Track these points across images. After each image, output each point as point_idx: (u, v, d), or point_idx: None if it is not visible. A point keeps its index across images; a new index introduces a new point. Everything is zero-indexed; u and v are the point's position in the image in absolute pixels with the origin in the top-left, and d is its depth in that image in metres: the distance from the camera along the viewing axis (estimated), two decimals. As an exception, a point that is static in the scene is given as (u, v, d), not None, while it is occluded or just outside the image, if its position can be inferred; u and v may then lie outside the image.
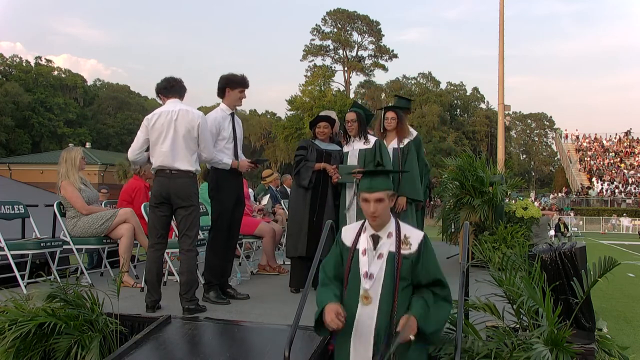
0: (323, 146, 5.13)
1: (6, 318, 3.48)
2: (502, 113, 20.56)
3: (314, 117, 5.39)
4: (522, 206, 6.83)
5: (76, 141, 49.99)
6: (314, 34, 60.77)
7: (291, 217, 5.18)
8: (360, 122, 5.02)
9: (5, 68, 56.95)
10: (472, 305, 3.17)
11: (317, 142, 5.14)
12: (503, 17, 20.06)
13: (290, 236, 5.10)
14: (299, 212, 5.03)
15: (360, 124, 5.02)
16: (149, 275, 4.16)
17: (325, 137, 5.16)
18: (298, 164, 5.07)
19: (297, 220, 5.04)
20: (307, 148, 5.10)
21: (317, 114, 5.54)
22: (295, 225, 5.05)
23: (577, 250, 3.22)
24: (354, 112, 5.08)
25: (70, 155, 5.25)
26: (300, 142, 5.45)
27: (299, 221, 5.01)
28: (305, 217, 4.98)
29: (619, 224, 35.17)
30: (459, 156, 6.90)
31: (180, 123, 4.11)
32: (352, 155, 5.02)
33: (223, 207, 4.60)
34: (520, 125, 77.58)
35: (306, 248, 4.90)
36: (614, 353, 3.33)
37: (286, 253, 5.25)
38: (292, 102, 52.72)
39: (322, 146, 5.12)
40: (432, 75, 68.33)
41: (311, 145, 5.11)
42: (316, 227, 4.86)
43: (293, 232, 5.06)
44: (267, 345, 3.53)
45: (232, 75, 4.64)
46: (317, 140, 5.16)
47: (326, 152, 5.08)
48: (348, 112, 5.14)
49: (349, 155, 5.05)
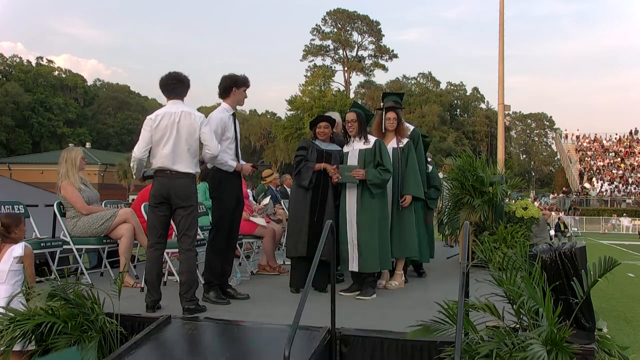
0: (323, 146, 5.13)
1: (5, 317, 3.48)
2: (502, 113, 20.57)
3: (314, 117, 5.40)
4: (522, 206, 6.83)
5: (76, 141, 50.01)
6: (314, 34, 60.85)
7: (291, 217, 5.18)
8: (360, 122, 5.02)
9: (5, 68, 56.98)
10: (472, 306, 3.16)
11: (317, 142, 5.15)
12: (503, 17, 20.08)
13: (290, 236, 5.11)
14: (299, 212, 5.03)
15: (360, 124, 5.02)
16: (149, 275, 4.16)
17: (326, 137, 5.16)
18: (298, 164, 5.07)
19: (297, 221, 5.04)
20: (308, 148, 5.10)
21: (317, 114, 5.55)
22: (296, 225, 5.05)
23: (577, 250, 3.21)
24: (354, 112, 5.07)
25: (71, 155, 5.25)
26: (300, 142, 5.45)
27: (299, 221, 5.01)
28: (306, 218, 4.97)
29: (619, 224, 35.14)
30: (459, 156, 6.90)
31: (182, 126, 4.11)
32: (352, 155, 5.02)
33: (225, 208, 4.60)
34: (520, 125, 77.60)
35: (307, 248, 4.90)
36: (614, 353, 3.32)
37: (286, 253, 5.26)
38: (292, 102, 52.71)
39: (323, 146, 5.12)
40: (432, 75, 68.43)
41: (311, 146, 5.11)
42: (316, 227, 4.84)
43: (293, 232, 5.06)
44: (267, 345, 3.54)
45: (235, 75, 4.66)
46: (317, 140, 5.16)
47: (326, 152, 5.08)
48: (348, 112, 5.13)
49: (349, 155, 5.05)
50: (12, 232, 3.95)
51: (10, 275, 3.81)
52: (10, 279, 3.81)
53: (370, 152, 4.92)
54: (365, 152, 4.94)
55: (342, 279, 5.59)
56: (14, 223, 3.97)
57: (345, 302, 4.44)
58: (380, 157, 4.87)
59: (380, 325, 3.72)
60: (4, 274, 3.80)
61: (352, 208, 4.88)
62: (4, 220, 3.98)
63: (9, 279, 3.81)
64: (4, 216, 4.09)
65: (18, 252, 3.86)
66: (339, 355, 3.48)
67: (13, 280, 3.82)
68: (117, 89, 67.99)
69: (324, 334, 3.43)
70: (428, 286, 5.53)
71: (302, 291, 3.21)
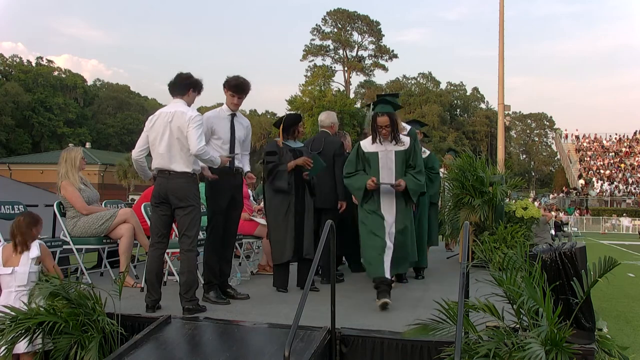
0: (293, 145, 5.11)
1: (7, 316, 3.48)
2: (502, 113, 20.55)
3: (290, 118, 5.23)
4: (522, 206, 6.83)
5: (76, 141, 49.98)
6: (314, 34, 60.84)
7: (274, 225, 5.00)
8: (393, 125, 4.60)
9: (5, 68, 56.96)
10: (472, 307, 3.17)
11: (288, 143, 5.09)
12: (503, 18, 20.06)
13: (277, 243, 4.98)
14: (282, 217, 4.94)
15: (394, 127, 4.62)
16: (149, 275, 4.16)
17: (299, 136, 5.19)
18: (272, 171, 4.96)
19: (281, 227, 4.93)
20: (278, 152, 5.02)
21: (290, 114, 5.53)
22: (280, 232, 4.94)
23: (577, 250, 3.21)
24: (387, 115, 4.58)
25: (71, 155, 5.25)
26: (267, 146, 5.28)
27: (282, 227, 4.92)
28: (290, 221, 4.92)
29: (619, 224, 35.14)
30: (459, 156, 6.90)
31: (174, 125, 4.11)
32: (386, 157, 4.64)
33: (217, 207, 4.61)
34: (520, 125, 77.53)
35: (294, 250, 4.90)
36: (614, 353, 3.33)
37: (273, 260, 5.09)
38: (292, 102, 52.67)
39: (293, 145, 5.10)
40: (432, 75, 68.42)
41: (282, 148, 5.03)
42: (300, 227, 4.89)
43: (279, 239, 4.95)
44: (267, 345, 3.54)
45: (230, 77, 4.67)
46: (288, 140, 5.11)
47: (298, 151, 5.06)
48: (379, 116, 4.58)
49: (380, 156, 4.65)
50: (33, 232, 3.91)
51: (30, 276, 3.80)
52: (31, 280, 3.79)
53: (407, 153, 4.66)
54: (403, 154, 4.66)
55: (342, 279, 5.60)
56: (34, 222, 3.93)
57: (345, 302, 4.44)
58: (413, 159, 4.68)
59: (380, 325, 3.72)
60: (24, 276, 3.78)
61: (390, 216, 4.58)
62: (27, 219, 3.94)
63: (29, 280, 3.79)
64: (27, 214, 4.05)
65: (35, 252, 3.84)
66: (339, 355, 3.48)
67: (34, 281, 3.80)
68: (117, 89, 67.96)
69: (323, 334, 3.43)
70: (428, 286, 5.53)
71: (303, 291, 3.21)
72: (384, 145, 4.64)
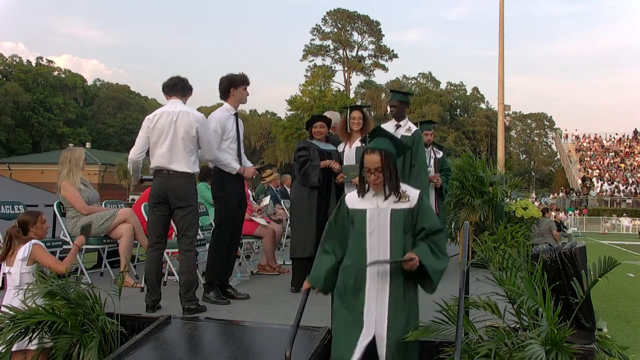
0: (322, 146, 5.13)
1: (6, 315, 3.48)
2: (502, 113, 20.53)
3: (310, 118, 5.39)
4: (522, 206, 6.83)
5: (76, 141, 49.99)
6: (314, 34, 60.80)
7: (296, 218, 5.13)
8: (389, 167, 4.41)
9: (5, 68, 56.96)
10: (473, 304, 3.17)
11: (315, 142, 5.14)
12: (503, 18, 20.04)
13: (297, 237, 5.05)
14: (305, 212, 5.00)
15: (390, 171, 4.48)
16: (148, 275, 4.16)
17: (322, 137, 5.16)
18: (303, 165, 5.03)
19: (303, 221, 5.00)
20: (308, 148, 5.09)
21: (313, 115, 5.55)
22: (302, 225, 5.00)
23: (577, 250, 3.21)
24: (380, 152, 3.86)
25: (75, 155, 5.24)
26: (299, 143, 5.42)
27: (305, 221, 4.98)
28: (313, 218, 4.95)
29: (619, 224, 35.15)
30: (459, 156, 6.90)
31: (179, 124, 4.10)
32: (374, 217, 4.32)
33: (228, 208, 4.60)
34: (520, 125, 77.57)
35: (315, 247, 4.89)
36: (614, 353, 3.33)
37: (292, 254, 5.15)
38: (292, 102, 52.66)
39: (321, 146, 5.13)
40: (432, 75, 68.50)
41: (311, 146, 5.10)
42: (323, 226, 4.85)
43: (300, 232, 5.01)
44: (267, 345, 3.54)
45: (233, 74, 4.66)
46: (314, 140, 5.15)
47: (326, 152, 5.08)
48: (369, 154, 4.40)
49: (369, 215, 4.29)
50: (29, 231, 3.87)
51: (23, 277, 3.74)
52: (24, 281, 3.73)
53: (412, 214, 2.90)
54: (403, 215, 2.89)
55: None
56: (31, 220, 3.89)
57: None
58: (420, 220, 2.91)
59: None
60: (16, 277, 3.73)
61: (379, 326, 2.83)
62: (21, 218, 3.92)
63: (22, 281, 3.73)
64: (22, 215, 4.03)
65: (21, 254, 3.76)
66: (339, 355, 3.48)
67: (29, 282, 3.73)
68: (117, 89, 67.98)
69: (324, 334, 3.42)
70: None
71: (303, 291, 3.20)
72: (375, 200, 2.96)
